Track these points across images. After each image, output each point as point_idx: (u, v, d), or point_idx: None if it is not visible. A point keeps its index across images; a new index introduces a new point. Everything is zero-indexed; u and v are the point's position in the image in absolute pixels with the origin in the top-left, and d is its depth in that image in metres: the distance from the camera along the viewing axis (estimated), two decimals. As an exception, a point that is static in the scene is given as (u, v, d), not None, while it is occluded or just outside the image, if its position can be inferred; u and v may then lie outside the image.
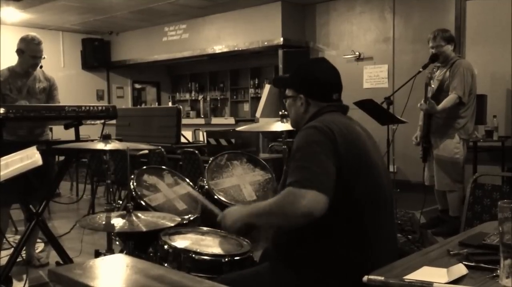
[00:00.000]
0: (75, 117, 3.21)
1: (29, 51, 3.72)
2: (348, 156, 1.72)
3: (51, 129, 4.14)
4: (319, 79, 1.95)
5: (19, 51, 3.75)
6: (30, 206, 3.38)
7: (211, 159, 3.28)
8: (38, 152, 2.53)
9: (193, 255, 2.20)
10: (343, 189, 1.68)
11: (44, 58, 3.80)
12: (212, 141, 5.64)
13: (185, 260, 2.20)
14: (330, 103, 1.92)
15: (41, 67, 3.83)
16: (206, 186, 3.05)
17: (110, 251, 2.96)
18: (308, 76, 1.97)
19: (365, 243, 1.75)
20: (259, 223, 1.95)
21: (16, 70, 3.78)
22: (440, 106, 4.25)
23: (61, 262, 3.42)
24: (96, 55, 11.49)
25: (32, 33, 3.87)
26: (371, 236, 1.77)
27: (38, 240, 4.26)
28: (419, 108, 4.38)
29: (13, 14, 9.15)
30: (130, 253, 2.55)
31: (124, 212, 2.48)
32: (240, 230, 1.92)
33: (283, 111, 3.52)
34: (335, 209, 1.66)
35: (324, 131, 1.73)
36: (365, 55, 8.04)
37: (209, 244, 2.38)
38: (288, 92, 2.00)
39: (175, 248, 2.26)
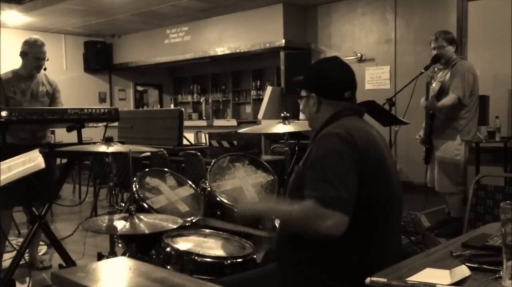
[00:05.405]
0: (77, 119, 3.22)
1: (32, 53, 3.74)
2: (367, 163, 1.71)
3: (53, 132, 4.14)
4: (329, 77, 1.92)
5: (23, 54, 3.77)
6: (33, 208, 3.39)
7: (213, 161, 3.27)
8: (40, 155, 2.53)
9: (196, 257, 2.20)
10: (358, 194, 1.67)
11: (47, 60, 3.82)
12: (214, 143, 5.64)
13: (188, 263, 2.20)
14: (345, 105, 1.89)
15: (45, 69, 3.85)
16: (208, 188, 3.06)
17: (112, 253, 2.96)
18: (318, 74, 1.96)
19: (373, 247, 1.75)
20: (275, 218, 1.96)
21: (20, 73, 3.80)
22: (440, 103, 4.25)
23: (64, 264, 3.43)
24: (98, 57, 11.52)
25: (35, 35, 3.90)
26: (379, 240, 1.77)
27: (41, 243, 4.26)
28: (420, 105, 4.37)
29: (16, 17, 9.18)
30: (132, 255, 2.56)
31: (127, 214, 2.49)
32: (250, 218, 1.93)
33: (285, 113, 3.52)
34: None
35: (346, 138, 1.71)
36: (367, 56, 8.04)
37: (211, 246, 2.38)
38: (302, 93, 1.98)
39: (177, 250, 2.27)
